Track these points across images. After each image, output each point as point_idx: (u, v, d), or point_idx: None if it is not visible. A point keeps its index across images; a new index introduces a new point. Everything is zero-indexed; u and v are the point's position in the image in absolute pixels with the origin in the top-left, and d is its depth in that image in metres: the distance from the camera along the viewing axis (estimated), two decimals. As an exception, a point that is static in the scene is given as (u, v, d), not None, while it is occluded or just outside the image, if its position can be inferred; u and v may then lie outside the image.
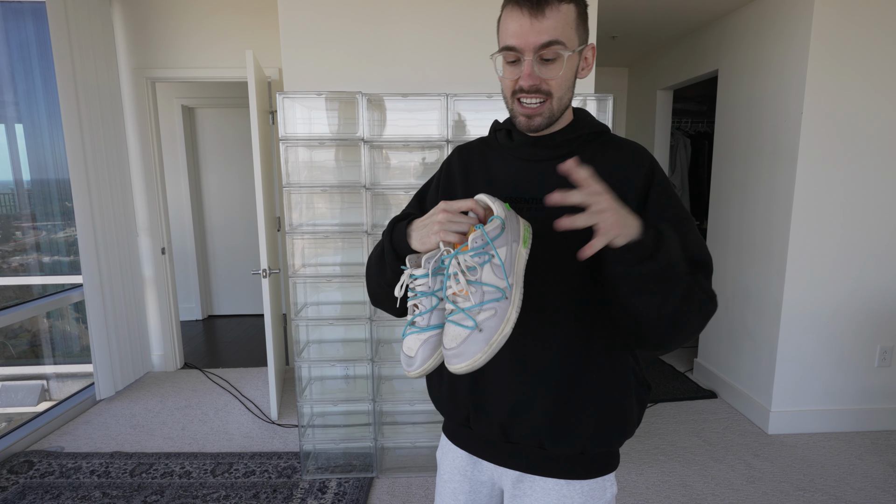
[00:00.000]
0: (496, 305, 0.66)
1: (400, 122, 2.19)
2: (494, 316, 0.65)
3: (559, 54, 0.74)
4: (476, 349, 0.64)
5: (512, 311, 0.66)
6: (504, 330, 0.65)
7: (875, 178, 2.41)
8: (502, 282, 0.67)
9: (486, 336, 0.65)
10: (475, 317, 0.65)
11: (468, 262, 0.67)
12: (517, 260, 0.69)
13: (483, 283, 0.66)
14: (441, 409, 0.93)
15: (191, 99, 4.40)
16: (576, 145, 0.83)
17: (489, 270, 0.66)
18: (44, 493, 2.08)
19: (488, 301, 0.66)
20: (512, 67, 0.77)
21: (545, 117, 0.78)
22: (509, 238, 0.68)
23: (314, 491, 2.09)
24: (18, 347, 3.23)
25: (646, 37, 3.38)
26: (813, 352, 2.54)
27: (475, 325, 0.65)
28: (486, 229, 0.67)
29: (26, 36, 2.95)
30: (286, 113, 2.12)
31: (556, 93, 0.77)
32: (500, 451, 0.87)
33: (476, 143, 0.93)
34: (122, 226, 3.09)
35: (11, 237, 3.16)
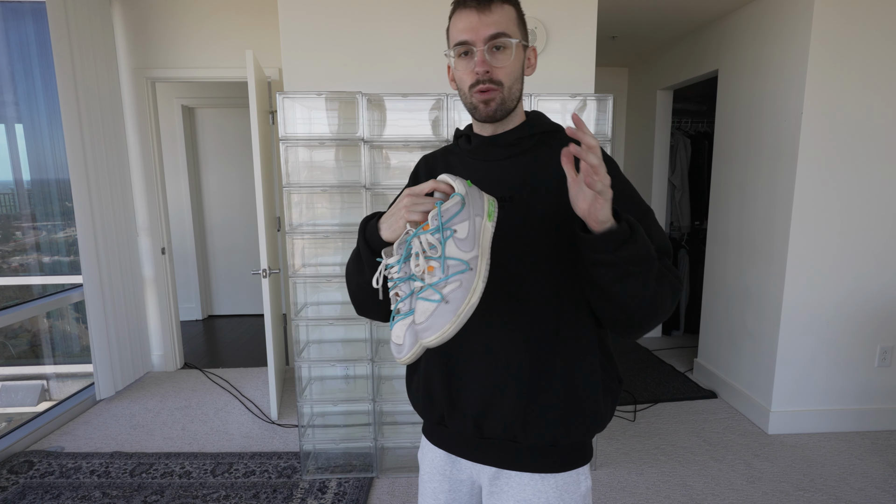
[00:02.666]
0: (461, 277, 0.68)
1: (400, 122, 2.19)
2: (460, 287, 0.68)
3: (507, 44, 0.81)
4: (444, 321, 0.66)
5: (478, 281, 0.68)
6: (471, 300, 0.67)
7: (875, 178, 2.41)
8: (466, 254, 0.69)
9: (454, 307, 0.67)
10: (441, 290, 0.67)
11: (429, 241, 0.69)
12: (482, 233, 0.71)
13: (447, 258, 0.69)
14: (418, 410, 0.96)
15: (191, 99, 4.40)
16: (530, 144, 0.88)
17: (452, 245, 0.69)
18: (44, 493, 2.08)
19: (453, 274, 0.68)
20: (465, 61, 0.83)
21: (499, 102, 0.83)
22: (472, 212, 0.71)
23: (314, 491, 2.09)
24: (18, 347, 3.23)
25: (646, 37, 3.38)
26: (813, 352, 2.54)
27: (441, 298, 0.67)
28: (446, 206, 0.70)
29: (26, 36, 2.95)
30: (286, 113, 2.12)
31: (506, 82, 0.83)
32: (475, 447, 0.89)
33: (440, 151, 0.99)
34: (122, 226, 3.09)
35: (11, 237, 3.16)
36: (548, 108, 2.14)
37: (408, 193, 0.74)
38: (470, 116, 0.90)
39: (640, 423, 2.67)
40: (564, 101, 2.15)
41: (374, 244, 0.80)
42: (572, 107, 2.18)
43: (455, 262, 0.69)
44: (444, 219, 0.70)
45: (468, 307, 0.67)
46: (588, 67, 2.32)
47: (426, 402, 0.92)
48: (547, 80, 2.30)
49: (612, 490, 2.10)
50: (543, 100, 2.12)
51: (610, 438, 2.51)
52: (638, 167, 4.07)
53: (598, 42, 3.40)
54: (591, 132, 0.68)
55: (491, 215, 0.73)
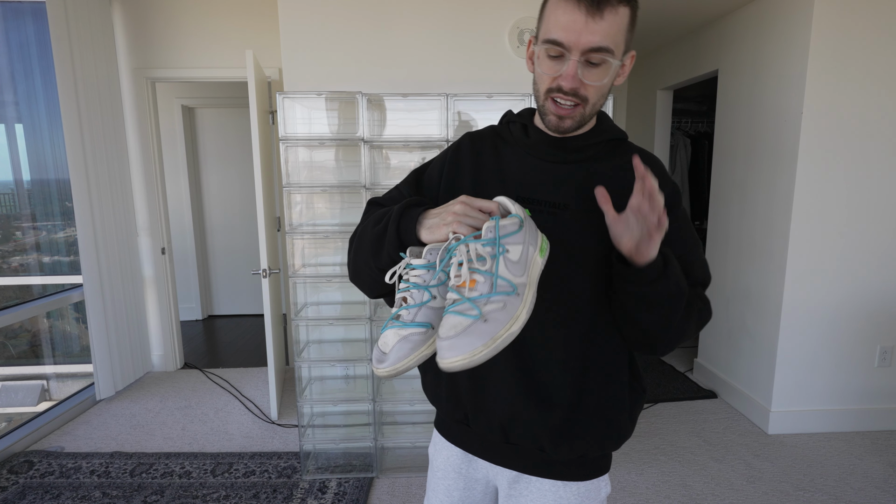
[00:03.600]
0: (506, 299, 0.60)
1: (400, 122, 2.19)
2: (503, 309, 0.60)
3: (606, 61, 0.69)
4: (476, 341, 0.58)
5: (523, 310, 0.61)
6: (512, 327, 0.59)
7: (875, 178, 2.41)
8: (516, 278, 0.62)
9: (492, 329, 0.58)
10: (482, 307, 0.60)
11: (480, 251, 0.62)
12: (532, 265, 0.65)
13: (495, 275, 0.61)
14: (438, 405, 0.91)
15: (191, 99, 4.40)
16: (595, 151, 0.80)
17: (502, 264, 0.62)
18: (44, 493, 2.08)
19: (498, 293, 0.60)
20: (552, 62, 0.71)
21: (576, 121, 0.75)
22: (526, 239, 0.64)
23: (314, 491, 2.09)
24: (18, 347, 3.23)
25: (646, 37, 3.38)
26: (813, 352, 2.54)
27: (480, 315, 0.59)
28: (504, 222, 0.63)
29: (26, 36, 2.95)
30: (286, 113, 2.12)
31: (591, 99, 0.73)
32: (498, 450, 0.86)
33: (488, 133, 0.87)
34: (122, 226, 3.09)
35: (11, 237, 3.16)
36: (548, 108, 2.14)
37: (463, 201, 0.67)
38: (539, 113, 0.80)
39: (639, 423, 2.67)
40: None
41: (405, 236, 0.72)
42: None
43: (503, 282, 0.61)
44: (500, 234, 0.62)
45: (508, 334, 0.59)
46: (588, 67, 2.32)
47: (450, 401, 0.87)
48: (547, 80, 2.30)
49: (612, 490, 2.10)
50: (543, 100, 2.12)
51: (610, 438, 2.52)
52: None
53: (598, 42, 3.39)
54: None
55: (543, 251, 0.67)
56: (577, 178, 0.78)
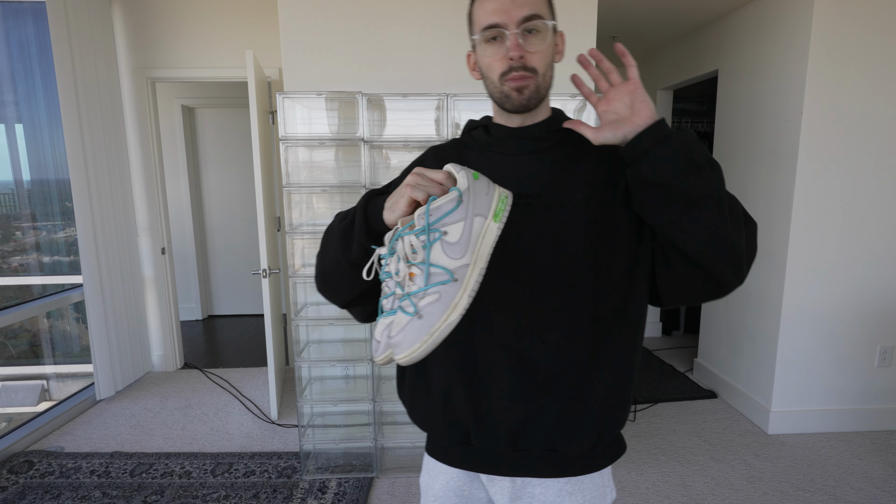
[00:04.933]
0: (441, 289, 0.59)
1: (400, 122, 2.19)
2: (438, 301, 0.59)
3: (541, 27, 0.75)
4: (413, 338, 0.58)
5: (462, 295, 0.60)
6: (449, 317, 0.58)
7: (875, 178, 2.41)
8: (453, 262, 0.60)
9: (426, 324, 0.58)
10: (418, 302, 0.59)
11: (413, 243, 0.61)
12: (482, 237, 0.62)
13: (430, 264, 0.60)
14: (432, 430, 0.86)
15: (191, 99, 4.40)
16: (558, 138, 0.82)
17: (439, 250, 0.60)
18: (44, 493, 2.08)
19: (433, 284, 0.59)
20: (495, 47, 0.76)
21: (532, 90, 0.77)
22: (470, 211, 0.61)
23: (314, 491, 2.09)
24: (18, 347, 3.23)
25: (646, 37, 3.38)
26: (813, 352, 2.54)
27: (415, 312, 0.59)
28: (438, 203, 0.61)
29: (26, 36, 2.95)
30: (286, 113, 2.12)
31: (540, 69, 0.77)
32: (507, 460, 0.83)
33: (451, 144, 0.89)
34: (122, 226, 3.09)
35: (11, 237, 3.16)
36: (548, 108, 2.14)
37: (416, 172, 0.66)
38: (494, 107, 0.84)
39: (640, 423, 2.67)
40: (564, 100, 2.15)
41: (374, 223, 0.72)
42: (572, 107, 2.18)
43: (438, 270, 0.60)
44: (432, 218, 0.60)
45: (444, 325, 0.58)
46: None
47: (446, 423, 0.83)
48: (547, 80, 2.30)
49: (612, 490, 2.10)
50: (543, 100, 2.12)
51: (610, 438, 2.51)
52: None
53: (598, 42, 3.39)
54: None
55: (498, 215, 0.63)
56: (545, 165, 0.79)
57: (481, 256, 0.62)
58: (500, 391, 0.78)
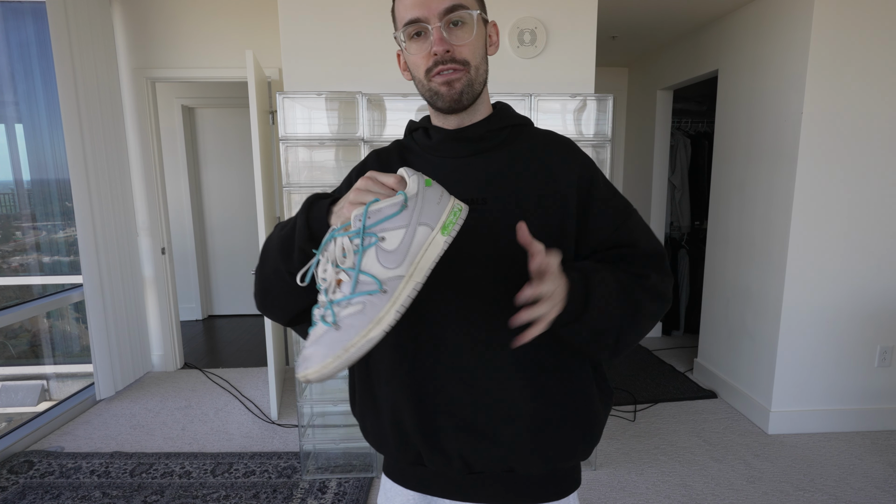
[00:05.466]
0: (367, 300, 0.53)
1: (400, 122, 2.19)
2: (361, 313, 0.53)
3: (466, 18, 0.70)
4: (325, 352, 0.52)
5: (389, 310, 0.53)
6: (370, 333, 0.52)
7: (875, 178, 2.41)
8: (386, 271, 0.54)
9: (343, 337, 0.52)
10: (339, 312, 0.53)
11: (345, 246, 0.55)
12: (424, 248, 0.56)
13: (360, 271, 0.54)
14: (384, 450, 0.81)
15: (191, 99, 4.40)
16: (501, 137, 0.77)
17: (372, 256, 0.55)
18: (44, 493, 2.08)
19: (358, 294, 0.54)
20: (419, 43, 0.71)
21: (465, 84, 0.72)
22: (414, 219, 0.56)
23: (314, 491, 2.09)
24: (18, 347, 3.23)
25: (646, 37, 3.38)
26: (813, 352, 2.54)
27: (333, 322, 0.53)
28: (379, 206, 0.56)
29: (26, 36, 2.95)
30: (286, 113, 2.12)
31: (471, 61, 0.72)
32: (461, 485, 0.78)
33: (394, 146, 0.85)
34: (122, 226, 3.09)
35: (11, 237, 3.16)
36: (548, 108, 2.14)
37: (367, 176, 0.61)
38: (430, 109, 0.79)
39: (639, 423, 2.67)
40: (564, 101, 2.15)
41: (315, 225, 0.66)
42: (572, 107, 2.18)
43: (368, 278, 0.54)
44: (370, 221, 0.55)
45: (363, 342, 0.52)
46: (588, 67, 2.32)
47: (397, 442, 0.77)
48: (547, 80, 2.30)
49: (612, 490, 2.10)
50: (543, 100, 2.12)
51: (610, 438, 2.51)
52: (638, 167, 4.07)
53: (598, 42, 3.39)
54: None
55: (447, 228, 0.57)
56: (488, 168, 0.75)
57: (420, 270, 0.55)
58: (451, 406, 0.73)
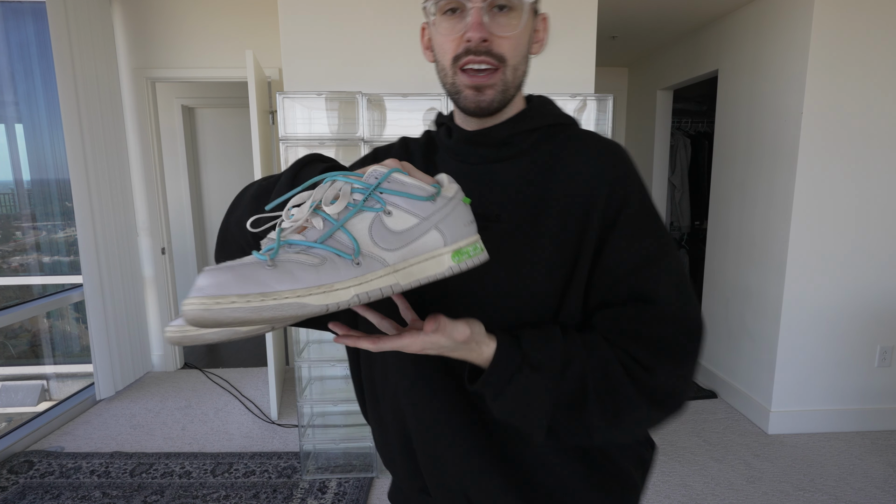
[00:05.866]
0: (329, 257, 0.41)
1: (400, 122, 2.19)
2: (313, 267, 0.40)
3: (514, 4, 0.57)
4: (232, 285, 0.36)
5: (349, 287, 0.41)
6: (307, 297, 0.38)
7: (875, 178, 2.41)
8: (372, 246, 0.43)
9: (270, 280, 0.37)
10: (287, 253, 0.41)
11: (342, 191, 0.44)
12: (427, 257, 0.45)
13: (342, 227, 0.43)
14: (392, 470, 0.72)
15: (191, 99, 4.40)
16: (529, 142, 0.63)
17: (366, 222, 0.44)
18: (44, 493, 2.08)
19: (324, 247, 0.42)
20: (452, 21, 0.58)
21: (498, 90, 0.59)
22: (433, 219, 0.46)
23: (314, 491, 2.09)
24: (18, 347, 3.23)
25: (646, 37, 3.38)
26: (813, 352, 2.54)
27: (270, 258, 0.39)
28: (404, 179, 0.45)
29: (26, 36, 2.96)
30: (286, 113, 2.12)
31: (510, 59, 0.58)
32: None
33: (423, 138, 0.73)
34: (122, 226, 3.09)
35: (12, 237, 3.16)
36: (548, 108, 2.14)
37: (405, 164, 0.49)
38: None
39: (640, 423, 2.67)
40: (565, 100, 2.15)
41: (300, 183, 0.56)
42: (572, 107, 2.18)
43: (346, 237, 0.43)
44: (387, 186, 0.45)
45: (290, 303, 0.37)
46: (588, 67, 2.32)
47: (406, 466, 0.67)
48: (547, 80, 2.30)
49: (612, 490, 2.10)
50: (543, 100, 2.11)
51: (610, 438, 2.51)
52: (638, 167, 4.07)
53: (598, 42, 3.39)
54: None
55: (460, 255, 0.46)
56: (508, 178, 0.61)
57: (408, 274, 0.45)
58: (452, 439, 0.62)
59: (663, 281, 0.56)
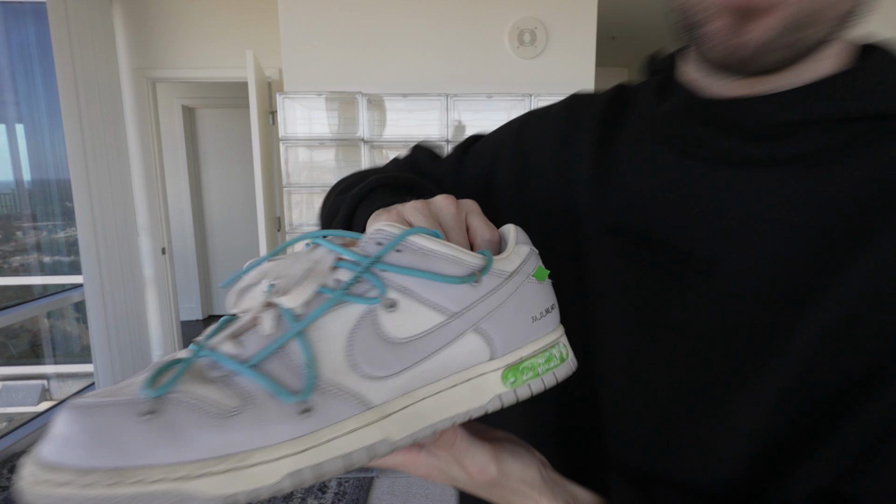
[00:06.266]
0: (259, 396, 0.23)
1: (400, 122, 2.19)
2: (226, 416, 0.22)
3: None
4: (78, 454, 0.20)
5: (276, 461, 0.22)
6: (215, 485, 0.21)
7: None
8: (354, 376, 0.25)
9: (146, 438, 0.21)
10: (190, 384, 0.23)
11: (322, 267, 0.27)
12: (458, 384, 0.27)
13: (301, 336, 0.25)
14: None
15: (191, 99, 4.41)
16: (846, 137, 0.32)
17: (345, 324, 0.26)
18: (44, 492, 2.08)
19: (258, 376, 0.23)
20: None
21: (785, 22, 0.30)
22: (474, 313, 0.27)
23: (314, 491, 2.09)
24: (19, 347, 3.23)
25: (646, 37, 3.38)
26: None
27: (157, 392, 0.22)
28: (424, 244, 0.27)
29: (27, 36, 2.96)
30: (286, 113, 2.12)
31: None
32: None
33: (607, 98, 0.43)
34: (122, 226, 3.10)
35: (12, 237, 3.16)
36: (548, 108, 2.14)
37: (448, 198, 0.31)
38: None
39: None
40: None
41: (356, 227, 0.40)
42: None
43: (300, 358, 0.24)
44: (396, 259, 0.26)
45: (164, 490, 0.20)
46: (588, 67, 2.33)
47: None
48: (547, 81, 2.30)
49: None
50: (543, 100, 2.12)
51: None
52: None
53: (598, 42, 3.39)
54: None
55: (518, 373, 0.28)
56: (778, 203, 0.32)
57: (406, 420, 0.26)
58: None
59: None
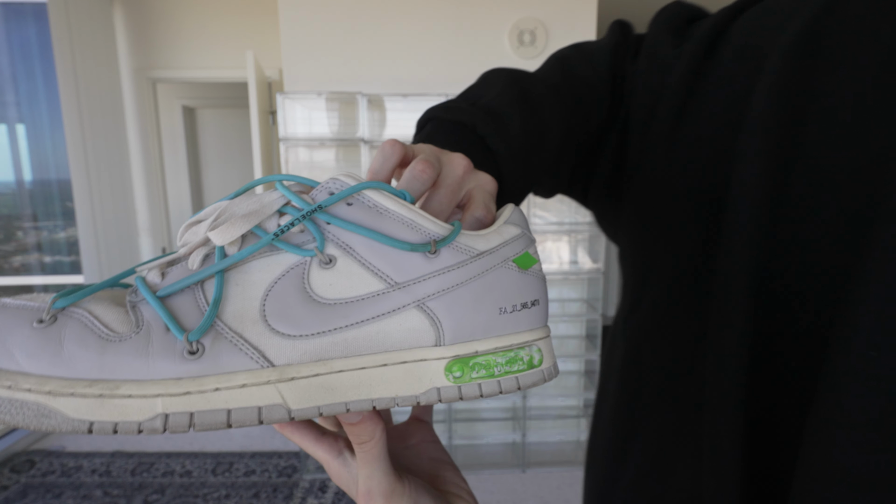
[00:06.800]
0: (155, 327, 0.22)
1: (400, 122, 2.20)
2: (112, 341, 0.21)
3: None
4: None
5: (151, 398, 0.21)
6: (79, 407, 0.20)
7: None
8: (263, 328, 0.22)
9: (27, 346, 0.20)
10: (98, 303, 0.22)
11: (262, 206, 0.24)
12: (389, 365, 0.23)
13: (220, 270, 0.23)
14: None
15: (192, 99, 4.41)
16: None
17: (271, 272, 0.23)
18: (45, 492, 2.09)
19: (160, 308, 0.22)
20: None
21: None
22: (423, 287, 0.23)
23: (314, 490, 2.10)
24: (20, 347, 3.23)
25: (646, 37, 3.38)
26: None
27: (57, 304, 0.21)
28: (382, 201, 0.24)
29: (27, 37, 2.96)
30: (286, 113, 2.12)
31: None
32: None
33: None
34: (122, 226, 3.10)
35: (13, 237, 3.17)
36: (547, 107, 2.14)
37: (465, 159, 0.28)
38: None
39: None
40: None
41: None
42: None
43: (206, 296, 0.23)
44: (344, 212, 0.23)
45: (29, 400, 0.20)
46: (588, 67, 2.32)
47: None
48: (547, 80, 2.30)
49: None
50: (543, 100, 2.12)
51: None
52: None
53: (598, 42, 3.40)
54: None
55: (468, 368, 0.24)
56: None
57: (315, 391, 0.23)
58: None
59: None
